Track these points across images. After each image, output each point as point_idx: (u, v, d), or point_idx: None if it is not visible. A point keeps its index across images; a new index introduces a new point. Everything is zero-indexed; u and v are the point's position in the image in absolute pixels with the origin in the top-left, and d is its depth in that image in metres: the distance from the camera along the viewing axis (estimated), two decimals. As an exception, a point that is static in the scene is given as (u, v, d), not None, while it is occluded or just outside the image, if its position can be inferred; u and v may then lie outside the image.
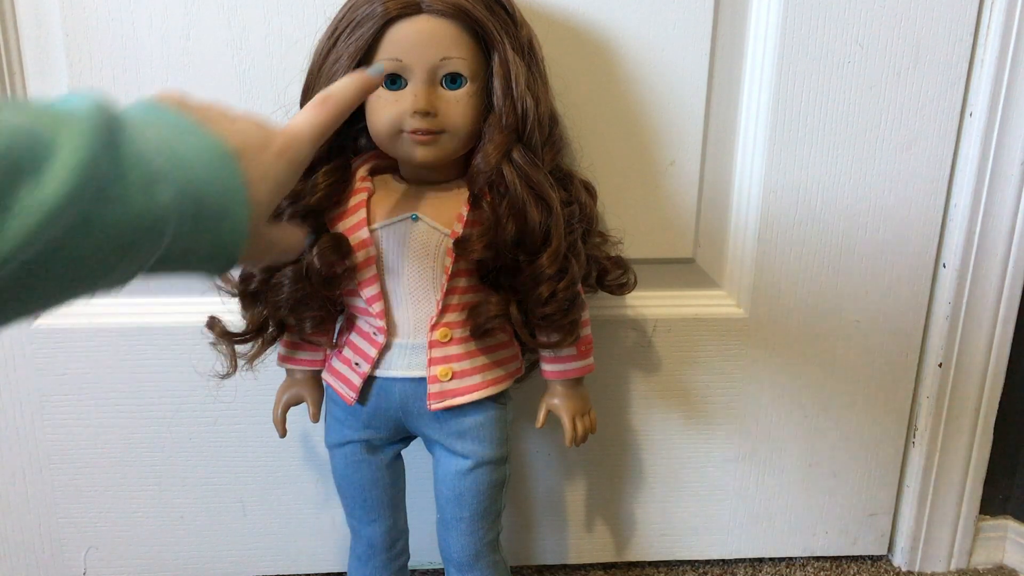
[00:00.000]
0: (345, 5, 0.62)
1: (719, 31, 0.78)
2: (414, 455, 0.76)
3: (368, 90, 0.53)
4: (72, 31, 0.74)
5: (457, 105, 0.61)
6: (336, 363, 0.71)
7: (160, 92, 0.43)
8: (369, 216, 0.66)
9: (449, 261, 0.65)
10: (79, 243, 0.31)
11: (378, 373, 0.69)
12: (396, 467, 0.75)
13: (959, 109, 0.81)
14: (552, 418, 0.75)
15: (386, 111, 0.61)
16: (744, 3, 0.78)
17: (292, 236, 0.50)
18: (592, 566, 0.97)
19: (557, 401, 0.74)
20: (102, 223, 0.32)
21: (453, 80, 0.61)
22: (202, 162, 0.38)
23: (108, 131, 0.32)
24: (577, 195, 0.70)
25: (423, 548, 0.86)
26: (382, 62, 0.60)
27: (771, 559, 0.98)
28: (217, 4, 0.74)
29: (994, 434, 0.92)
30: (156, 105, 0.40)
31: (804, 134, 0.81)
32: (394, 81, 0.61)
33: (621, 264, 0.75)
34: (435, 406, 0.68)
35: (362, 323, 0.69)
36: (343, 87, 0.51)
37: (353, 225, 0.65)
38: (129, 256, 0.34)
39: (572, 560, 0.96)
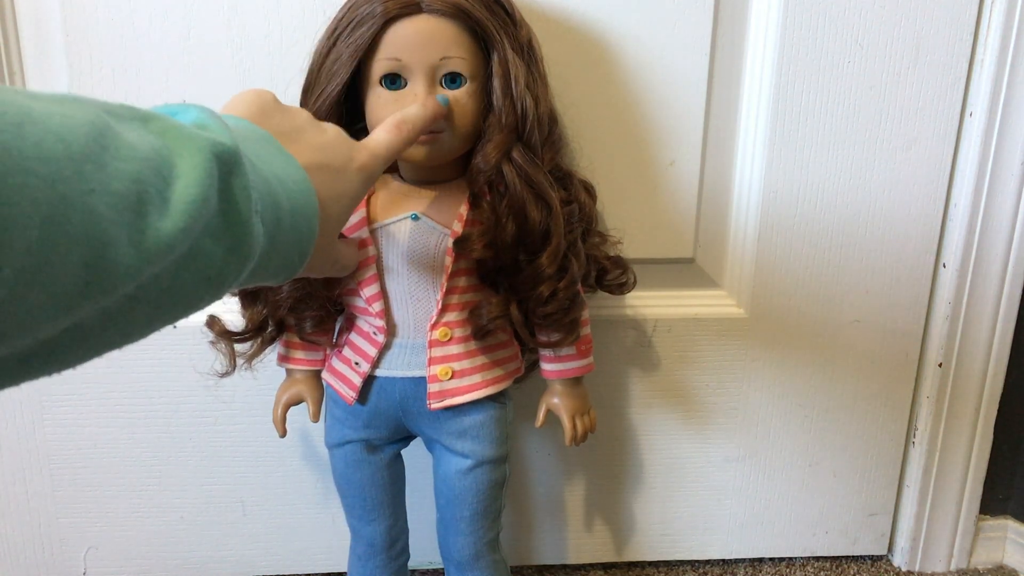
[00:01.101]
0: (345, 5, 0.62)
1: (719, 31, 0.78)
2: (414, 455, 0.76)
3: (438, 118, 0.58)
4: (72, 31, 0.74)
5: (457, 104, 0.61)
6: (336, 363, 0.71)
7: (255, 92, 0.44)
8: (369, 215, 0.66)
9: (449, 260, 0.65)
10: (180, 281, 0.31)
11: (378, 373, 0.69)
12: (396, 467, 0.75)
13: (959, 109, 0.81)
14: (552, 417, 0.75)
15: (386, 111, 0.61)
16: (744, 3, 0.78)
17: (350, 253, 0.52)
18: (592, 566, 0.97)
19: (557, 400, 0.74)
20: (204, 261, 0.32)
21: (453, 80, 0.61)
22: (285, 189, 0.38)
23: (224, 164, 0.32)
24: (577, 194, 0.70)
25: (423, 548, 0.86)
26: (444, 95, 0.61)
27: (771, 559, 0.99)
28: (217, 4, 0.74)
29: (994, 434, 0.92)
30: (249, 124, 0.41)
31: (804, 134, 0.81)
32: (394, 81, 0.61)
33: (620, 264, 0.75)
34: (435, 405, 0.68)
35: (362, 323, 0.69)
36: (417, 113, 0.55)
37: (353, 224, 0.65)
38: (215, 291, 0.34)
39: (572, 560, 0.96)
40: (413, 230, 0.65)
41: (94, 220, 0.26)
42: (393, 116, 0.53)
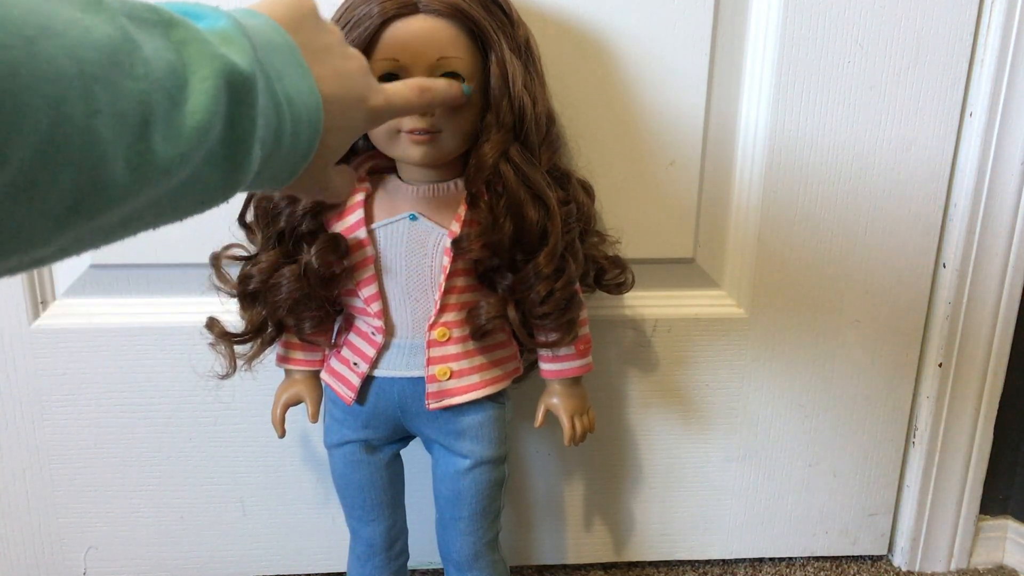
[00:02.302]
0: (342, 5, 0.62)
1: (719, 31, 0.78)
2: (413, 455, 0.76)
3: (457, 101, 0.59)
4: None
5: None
6: (335, 363, 0.72)
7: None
8: (367, 216, 0.66)
9: (447, 260, 0.65)
10: (175, 203, 0.31)
11: (377, 373, 0.69)
12: (395, 467, 0.75)
13: (959, 109, 0.81)
14: (551, 417, 0.75)
15: (384, 111, 0.61)
16: (744, 3, 0.78)
17: (343, 182, 0.50)
18: (592, 566, 0.97)
19: (556, 400, 0.74)
20: (201, 185, 0.32)
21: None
22: (292, 109, 0.37)
23: (235, 92, 0.32)
24: (575, 194, 0.70)
25: (423, 548, 0.86)
26: (470, 86, 0.61)
27: (771, 559, 0.98)
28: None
29: (994, 434, 0.92)
30: (279, 28, 0.39)
31: (804, 134, 0.81)
32: (391, 81, 0.61)
33: (619, 264, 0.75)
34: (433, 406, 0.68)
35: (360, 323, 0.69)
36: (442, 87, 0.55)
37: (351, 225, 0.65)
38: (204, 208, 0.34)
39: (571, 560, 0.96)
40: (411, 230, 0.65)
41: (94, 142, 0.25)
42: (421, 80, 0.54)
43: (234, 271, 0.69)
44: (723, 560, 0.98)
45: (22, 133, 0.23)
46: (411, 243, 0.65)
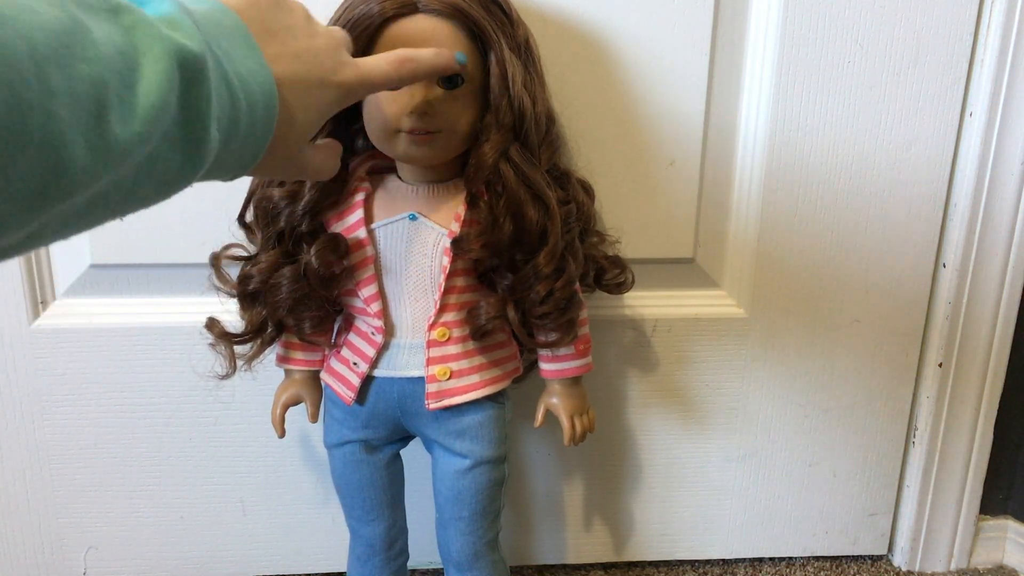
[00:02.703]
0: (342, 5, 0.62)
1: (719, 31, 0.78)
2: (413, 455, 0.76)
3: (448, 70, 0.54)
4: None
5: (454, 104, 0.61)
6: (334, 363, 0.72)
7: None
8: (367, 216, 0.66)
9: (447, 260, 0.65)
10: (136, 186, 0.31)
11: (376, 373, 0.69)
12: (395, 467, 0.75)
13: (959, 109, 0.81)
14: (551, 417, 0.75)
15: (383, 111, 0.61)
16: (744, 3, 0.78)
17: (323, 158, 0.49)
18: (592, 566, 0.97)
19: (555, 400, 0.74)
20: (160, 167, 0.32)
21: (450, 80, 0.61)
22: (246, 88, 0.37)
23: (187, 72, 0.32)
24: (575, 194, 0.70)
25: (423, 548, 0.86)
26: (463, 53, 0.58)
27: (771, 559, 0.98)
28: None
29: (994, 434, 0.92)
30: (226, 10, 0.38)
31: (804, 134, 0.81)
32: (392, 81, 0.61)
33: (619, 263, 0.75)
34: (433, 406, 0.68)
35: (360, 323, 0.69)
36: (426, 56, 0.51)
37: (351, 225, 0.65)
38: (166, 193, 0.34)
39: (571, 560, 0.96)
40: (411, 230, 0.65)
41: (53, 123, 0.26)
42: (403, 50, 0.49)
43: (234, 271, 0.69)
44: (723, 560, 0.98)
45: None
46: (411, 243, 0.65)
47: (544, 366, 0.74)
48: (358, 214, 0.65)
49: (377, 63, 0.48)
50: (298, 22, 0.43)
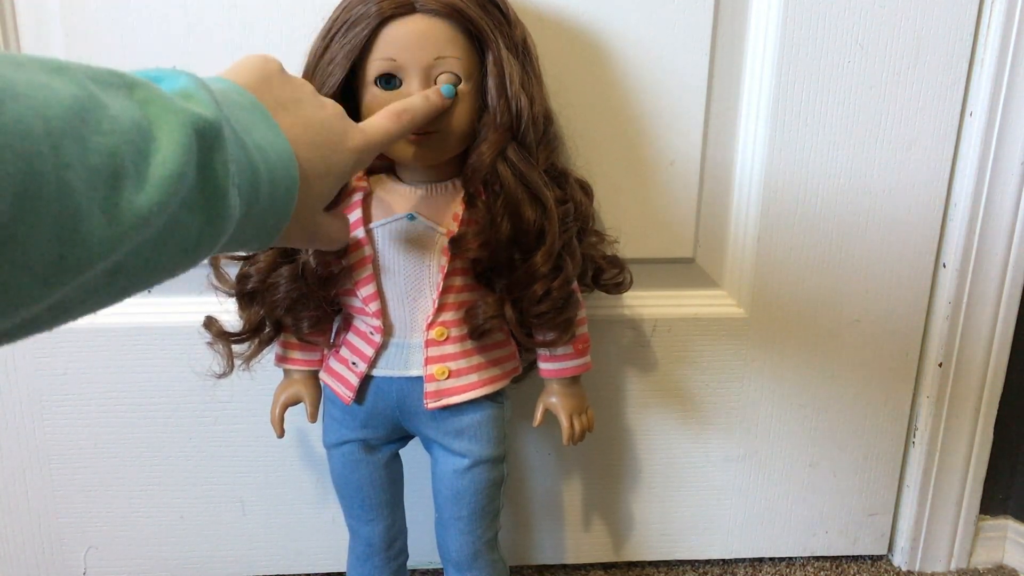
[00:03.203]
0: (339, 5, 0.62)
1: (719, 31, 0.78)
2: (412, 454, 0.76)
3: (440, 111, 0.59)
4: (72, 31, 0.75)
5: (452, 104, 0.61)
6: (333, 363, 0.72)
7: (262, 58, 0.44)
8: (365, 215, 0.66)
9: (445, 260, 0.65)
10: (156, 254, 0.31)
11: (375, 372, 0.69)
12: (394, 466, 0.75)
13: (959, 109, 0.81)
14: (550, 417, 0.75)
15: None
16: (744, 3, 0.78)
17: (338, 227, 0.51)
18: (591, 566, 0.97)
19: (554, 400, 0.74)
20: (180, 233, 0.32)
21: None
22: (266, 159, 0.38)
23: (205, 140, 0.32)
24: (572, 194, 0.69)
25: (422, 548, 0.86)
26: (450, 85, 0.61)
27: (771, 559, 0.98)
28: (217, 4, 0.74)
29: (994, 434, 0.92)
30: (241, 90, 0.40)
31: (804, 134, 0.81)
32: (389, 81, 0.61)
33: (617, 263, 0.75)
34: (432, 405, 0.68)
35: (359, 323, 0.69)
36: (418, 104, 0.55)
37: (349, 224, 0.65)
38: (191, 262, 0.34)
39: (571, 560, 0.96)
40: (409, 230, 0.65)
41: (68, 194, 0.26)
42: (395, 104, 0.53)
43: (232, 270, 0.69)
44: (723, 560, 0.98)
45: None
46: (409, 243, 0.65)
47: (543, 365, 0.74)
48: (356, 214, 0.65)
49: (378, 123, 0.51)
50: (306, 95, 0.45)
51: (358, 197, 0.66)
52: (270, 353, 0.74)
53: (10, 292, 0.26)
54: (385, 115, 0.52)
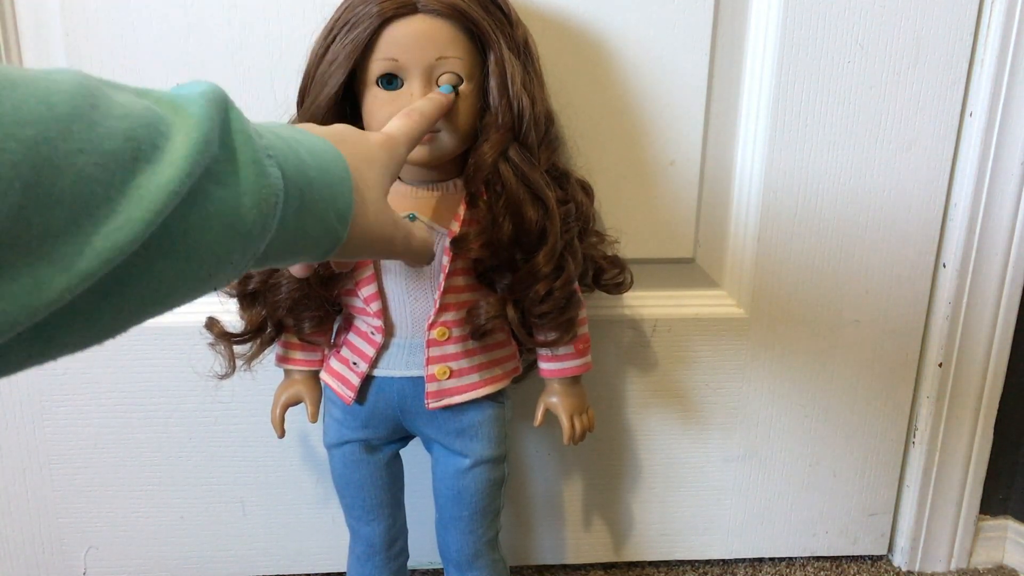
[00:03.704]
0: (341, 5, 0.62)
1: (719, 31, 0.78)
2: (413, 454, 0.76)
3: (446, 108, 0.60)
4: (72, 31, 0.75)
5: (453, 105, 0.61)
6: (334, 363, 0.72)
7: None
8: (367, 216, 0.66)
9: (446, 260, 0.65)
10: (195, 230, 0.31)
11: (376, 373, 0.69)
12: (395, 466, 0.75)
13: (959, 109, 0.81)
14: (551, 417, 0.75)
15: (383, 111, 0.61)
16: (744, 3, 0.78)
17: (422, 234, 0.50)
18: (592, 566, 0.97)
19: (555, 399, 0.74)
20: (217, 206, 0.31)
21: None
22: (309, 148, 0.38)
23: (219, 112, 0.32)
24: (573, 194, 0.70)
25: (422, 548, 0.86)
26: (448, 84, 0.61)
27: (771, 559, 0.98)
28: (217, 4, 0.74)
29: (994, 434, 0.92)
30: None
31: (804, 134, 0.81)
32: (390, 81, 0.61)
33: (617, 263, 0.75)
34: (433, 405, 0.68)
35: (360, 323, 0.69)
36: (423, 104, 0.56)
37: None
38: (242, 242, 0.33)
39: (571, 560, 0.96)
40: (411, 230, 0.65)
41: (81, 181, 0.26)
42: (403, 110, 0.55)
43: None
44: (723, 560, 0.98)
45: (3, 178, 0.23)
46: (411, 243, 0.65)
47: (543, 365, 0.74)
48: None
49: (394, 122, 0.52)
50: (309, 129, 0.45)
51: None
52: (271, 353, 0.74)
53: (34, 285, 0.25)
54: (399, 117, 0.53)
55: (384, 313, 0.67)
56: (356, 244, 0.42)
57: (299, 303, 0.66)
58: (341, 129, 0.45)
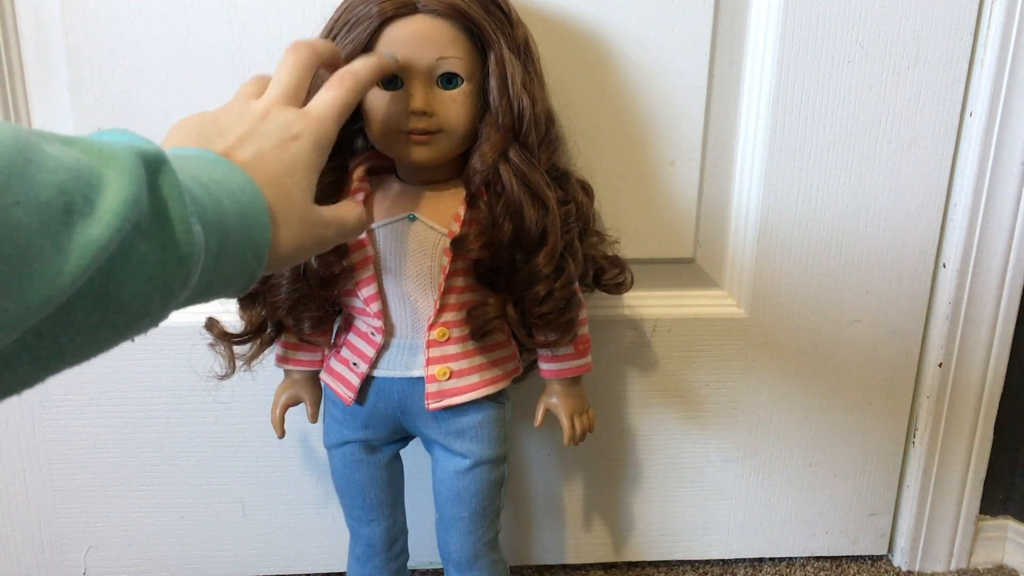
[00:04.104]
0: (341, 5, 0.62)
1: (719, 31, 0.78)
2: (413, 454, 0.76)
3: (384, 72, 0.57)
4: (72, 31, 0.75)
5: (453, 105, 0.62)
6: (334, 363, 0.72)
7: (182, 121, 0.45)
8: (367, 216, 0.66)
9: (446, 260, 0.65)
10: (118, 283, 0.31)
11: (376, 373, 0.69)
12: (395, 467, 0.75)
13: (959, 109, 0.81)
14: (551, 417, 0.75)
15: (383, 111, 0.61)
16: (744, 3, 0.78)
17: (348, 212, 0.50)
18: (592, 566, 0.97)
19: (555, 400, 0.74)
20: (142, 260, 0.32)
21: (449, 80, 0.61)
22: (228, 191, 0.38)
23: (149, 166, 0.32)
24: (574, 194, 0.70)
25: (423, 548, 0.86)
26: (393, 53, 0.60)
27: (771, 559, 0.98)
28: (217, 4, 0.74)
29: (994, 434, 0.92)
30: (179, 148, 0.41)
31: (804, 134, 0.81)
32: (391, 81, 0.61)
33: (618, 263, 0.75)
34: (433, 406, 0.68)
35: (360, 323, 0.69)
36: (360, 66, 0.53)
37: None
38: (162, 295, 0.33)
39: (571, 560, 0.96)
40: (410, 230, 0.65)
41: (18, 233, 0.26)
42: (339, 71, 0.52)
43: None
44: (723, 560, 0.98)
45: None
46: (411, 243, 0.65)
47: (544, 366, 0.74)
48: (357, 214, 0.65)
49: (322, 97, 0.50)
50: (233, 119, 0.45)
51: (359, 198, 0.66)
52: (271, 353, 0.74)
53: None
54: (328, 86, 0.51)
55: (384, 314, 0.67)
56: (284, 261, 0.43)
57: (299, 303, 0.66)
58: (265, 131, 0.45)
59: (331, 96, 0.50)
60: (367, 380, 0.69)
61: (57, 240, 0.27)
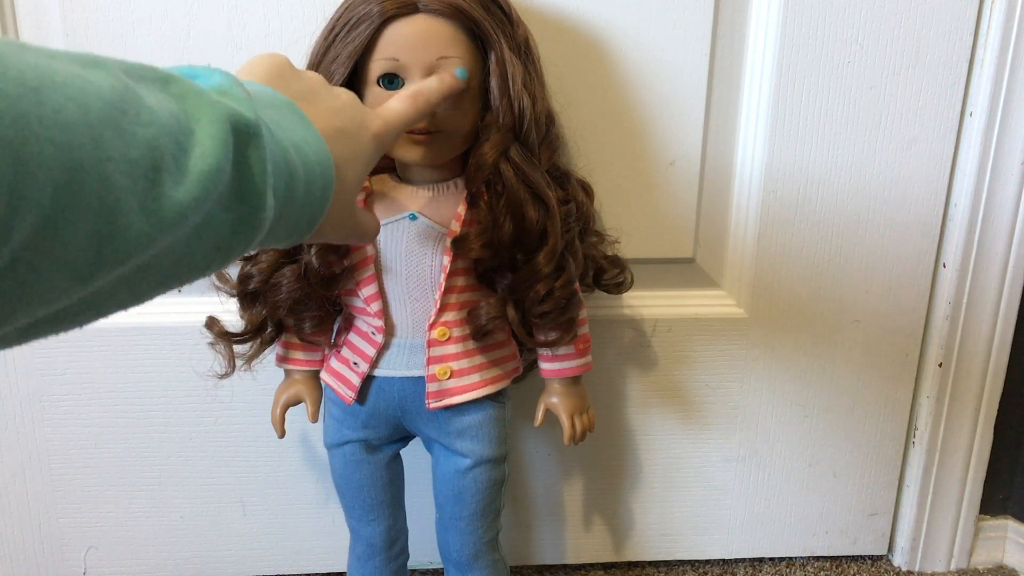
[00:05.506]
0: (342, 5, 0.62)
1: (719, 31, 0.78)
2: (413, 454, 0.76)
3: (455, 91, 0.58)
4: (72, 31, 0.75)
5: (454, 104, 0.61)
6: (334, 363, 0.72)
7: (270, 56, 0.44)
8: (367, 216, 0.66)
9: (447, 260, 0.65)
10: (185, 246, 0.31)
11: (376, 373, 0.69)
12: (395, 467, 0.75)
13: (959, 109, 0.81)
14: (551, 417, 0.75)
15: (384, 111, 0.61)
16: (744, 3, 0.78)
17: (370, 220, 0.51)
18: (592, 566, 0.97)
19: (555, 400, 0.74)
20: (215, 229, 0.32)
21: None
22: (303, 157, 0.38)
23: (241, 135, 0.32)
24: (574, 194, 0.70)
25: (423, 548, 0.86)
26: (462, 67, 0.60)
27: (771, 559, 0.98)
28: (217, 4, 0.74)
29: (994, 434, 0.92)
30: (271, 90, 0.40)
31: (804, 134, 0.81)
32: (391, 81, 0.61)
33: (618, 263, 0.75)
34: (433, 405, 0.68)
35: (360, 323, 0.69)
36: (433, 86, 0.55)
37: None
38: (222, 259, 0.33)
39: (571, 560, 0.96)
40: (411, 230, 0.65)
41: (108, 188, 0.26)
42: (410, 87, 0.53)
43: (234, 270, 0.69)
44: (723, 560, 0.98)
45: (38, 180, 0.23)
46: (411, 243, 0.65)
47: (544, 365, 0.74)
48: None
49: (394, 106, 0.50)
50: (319, 85, 0.45)
51: (360, 197, 0.66)
52: (271, 353, 0.74)
53: (45, 286, 0.25)
54: (400, 99, 0.51)
55: (385, 313, 0.67)
56: (318, 239, 0.44)
57: (300, 303, 0.66)
58: (345, 111, 0.44)
59: (402, 108, 0.51)
60: (367, 380, 0.69)
61: (144, 199, 0.27)
